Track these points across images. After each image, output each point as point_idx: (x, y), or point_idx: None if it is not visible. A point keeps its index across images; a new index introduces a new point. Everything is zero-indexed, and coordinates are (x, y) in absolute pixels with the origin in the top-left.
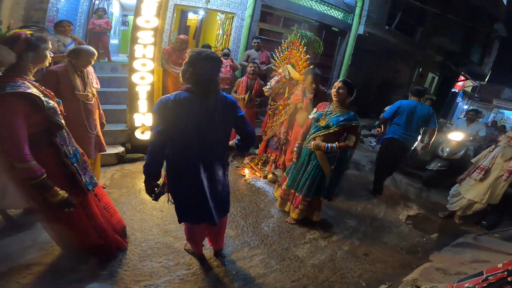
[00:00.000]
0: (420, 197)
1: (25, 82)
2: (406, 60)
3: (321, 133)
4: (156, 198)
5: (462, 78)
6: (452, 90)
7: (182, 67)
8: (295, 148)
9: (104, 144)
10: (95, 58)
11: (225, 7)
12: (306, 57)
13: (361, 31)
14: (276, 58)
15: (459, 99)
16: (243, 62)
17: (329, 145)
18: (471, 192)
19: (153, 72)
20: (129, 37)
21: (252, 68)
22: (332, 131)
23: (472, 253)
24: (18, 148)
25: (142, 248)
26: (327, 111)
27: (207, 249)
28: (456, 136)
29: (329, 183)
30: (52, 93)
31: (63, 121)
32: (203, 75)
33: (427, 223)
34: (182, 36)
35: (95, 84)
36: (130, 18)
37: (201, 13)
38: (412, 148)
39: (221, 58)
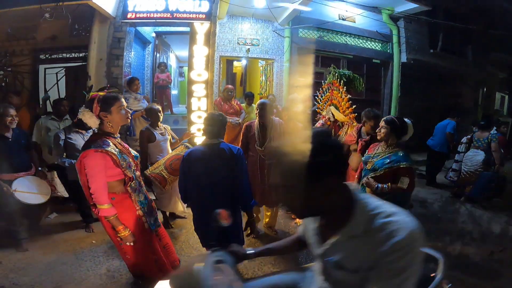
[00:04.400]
0: (507, 231)
1: (108, 140)
2: (465, 82)
3: (370, 178)
4: None
5: None
6: None
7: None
8: None
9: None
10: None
11: (264, 54)
12: (348, 97)
13: (404, 59)
14: (318, 101)
15: None
16: None
17: (380, 185)
18: None
19: None
20: (186, 87)
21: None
22: (379, 174)
23: None
24: (97, 193)
25: None
26: (375, 153)
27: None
28: None
29: None
30: (128, 149)
31: (137, 173)
32: (206, 133)
33: None
34: (229, 86)
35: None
36: (185, 69)
37: (243, 61)
38: (444, 152)
39: None
